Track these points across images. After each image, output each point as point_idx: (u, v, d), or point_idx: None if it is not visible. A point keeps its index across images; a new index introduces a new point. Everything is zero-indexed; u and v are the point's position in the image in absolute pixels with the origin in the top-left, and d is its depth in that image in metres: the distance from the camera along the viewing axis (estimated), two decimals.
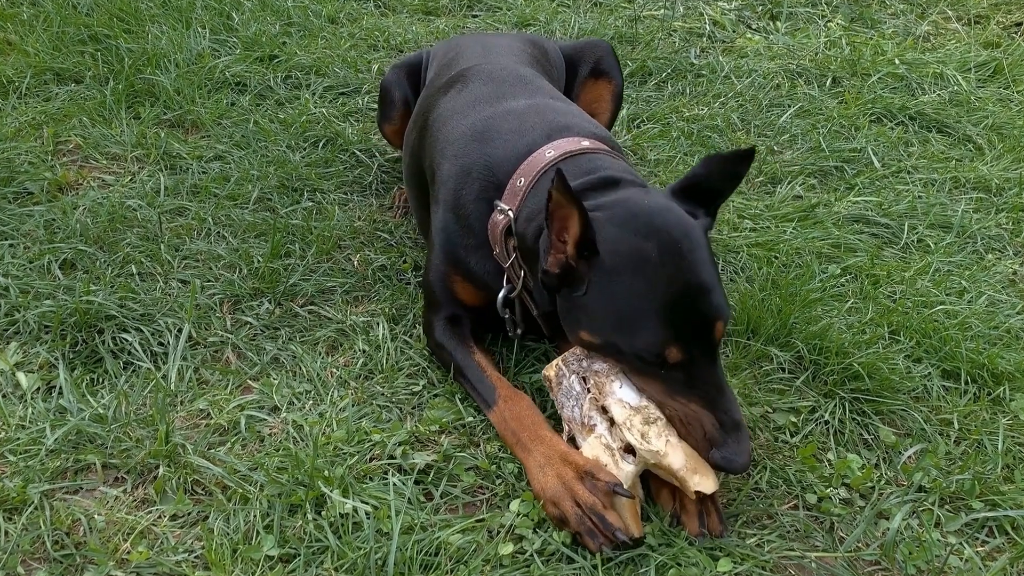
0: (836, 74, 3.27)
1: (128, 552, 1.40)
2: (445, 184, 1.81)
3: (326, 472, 1.51)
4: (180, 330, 1.86)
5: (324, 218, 2.31)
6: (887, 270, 2.20)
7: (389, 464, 1.57)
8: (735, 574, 1.39)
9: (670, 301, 1.43)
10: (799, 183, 2.58)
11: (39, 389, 1.72)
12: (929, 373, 1.86)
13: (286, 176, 2.46)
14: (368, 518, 1.44)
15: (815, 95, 3.11)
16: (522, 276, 1.69)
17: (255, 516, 1.45)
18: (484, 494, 1.54)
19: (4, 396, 1.70)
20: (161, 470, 1.54)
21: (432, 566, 1.38)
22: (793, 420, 1.72)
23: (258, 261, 2.09)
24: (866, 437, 1.72)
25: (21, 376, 1.73)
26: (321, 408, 1.71)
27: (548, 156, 1.68)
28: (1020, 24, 3.81)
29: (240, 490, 1.50)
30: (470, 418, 1.68)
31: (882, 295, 2.10)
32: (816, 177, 2.65)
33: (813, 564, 1.45)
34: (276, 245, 2.13)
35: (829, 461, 1.65)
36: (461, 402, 1.71)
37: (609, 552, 1.38)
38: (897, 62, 3.31)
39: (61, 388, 1.71)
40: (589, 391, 1.51)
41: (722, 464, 1.40)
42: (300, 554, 1.39)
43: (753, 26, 3.74)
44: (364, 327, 1.93)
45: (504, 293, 1.71)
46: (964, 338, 1.92)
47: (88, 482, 1.53)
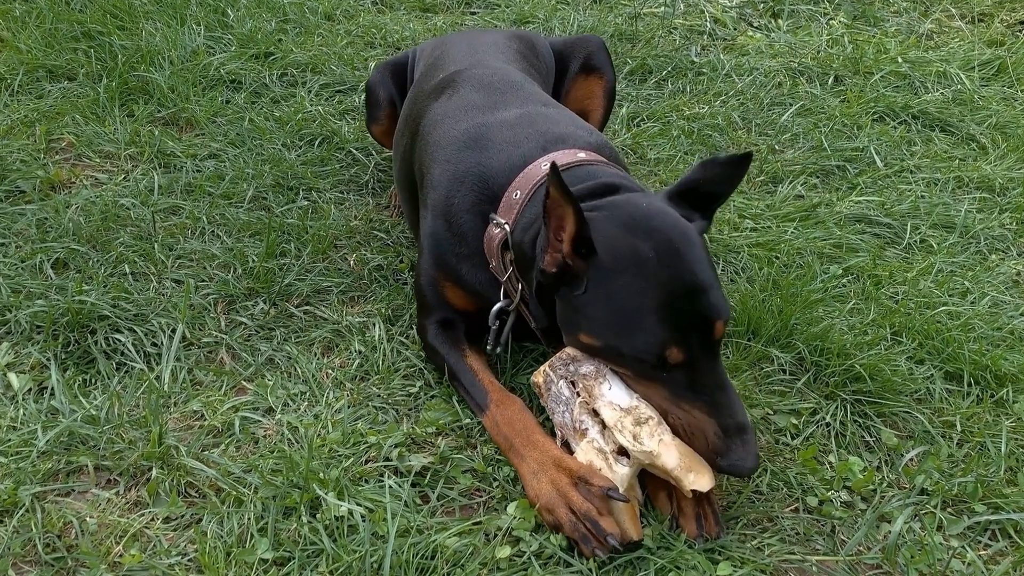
0: (838, 72, 3.26)
1: (120, 555, 1.39)
2: (436, 189, 1.80)
3: (321, 474, 1.50)
4: (174, 330, 1.85)
5: (320, 217, 2.29)
6: (889, 271, 2.18)
7: (385, 466, 1.55)
8: None
9: (669, 300, 1.42)
10: (801, 182, 2.56)
11: (31, 390, 1.70)
12: (931, 375, 1.85)
13: (281, 175, 2.45)
14: (364, 521, 1.42)
15: (817, 93, 3.09)
16: (520, 289, 1.67)
17: (249, 519, 1.44)
18: (481, 496, 1.53)
19: None
20: (154, 472, 1.53)
21: (428, 570, 1.37)
22: (794, 422, 1.71)
23: (253, 261, 2.07)
24: (868, 439, 1.70)
25: (12, 377, 1.72)
26: (316, 409, 1.69)
27: (544, 169, 1.66)
28: None
29: (234, 492, 1.48)
30: (467, 420, 1.66)
31: (884, 296, 2.08)
32: (818, 176, 2.63)
33: (814, 568, 1.43)
34: (271, 244, 2.11)
35: (830, 463, 1.63)
36: (458, 404, 1.70)
37: (603, 557, 1.37)
38: (900, 60, 3.29)
39: (53, 389, 1.69)
40: (579, 395, 1.50)
41: (729, 471, 1.40)
42: (295, 557, 1.38)
43: (754, 24, 3.72)
44: (360, 328, 1.91)
45: (502, 306, 1.70)
46: (967, 339, 1.91)
47: (80, 484, 1.52)
